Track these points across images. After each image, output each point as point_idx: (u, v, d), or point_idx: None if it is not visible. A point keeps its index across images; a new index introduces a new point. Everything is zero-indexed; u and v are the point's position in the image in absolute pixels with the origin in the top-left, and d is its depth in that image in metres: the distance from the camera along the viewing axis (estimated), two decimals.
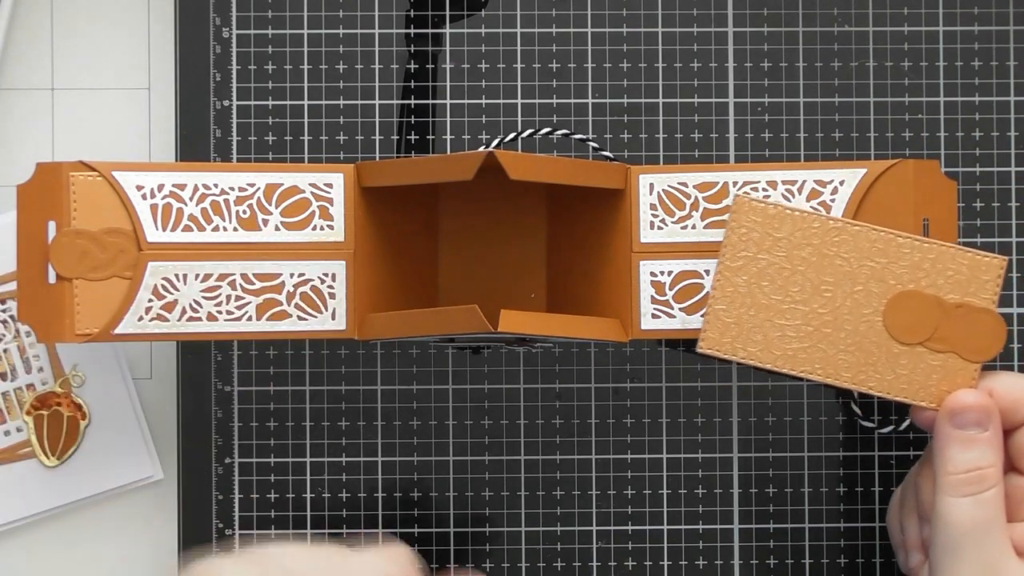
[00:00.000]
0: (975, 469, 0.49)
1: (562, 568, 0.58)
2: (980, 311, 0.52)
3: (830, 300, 0.52)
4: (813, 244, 0.52)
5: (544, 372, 0.59)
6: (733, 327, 0.52)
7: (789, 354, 0.52)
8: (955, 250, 0.51)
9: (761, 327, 0.52)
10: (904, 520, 0.54)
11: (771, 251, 0.52)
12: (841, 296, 0.52)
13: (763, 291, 0.52)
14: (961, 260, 0.51)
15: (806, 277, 0.52)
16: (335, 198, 0.53)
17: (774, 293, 0.52)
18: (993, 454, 0.50)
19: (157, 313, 0.51)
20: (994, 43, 0.59)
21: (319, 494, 0.58)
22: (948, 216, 0.52)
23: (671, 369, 0.59)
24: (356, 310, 0.53)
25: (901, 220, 0.52)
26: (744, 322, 0.52)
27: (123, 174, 0.51)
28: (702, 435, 0.58)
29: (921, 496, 0.53)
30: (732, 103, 0.59)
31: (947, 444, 0.50)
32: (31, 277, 0.51)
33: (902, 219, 0.52)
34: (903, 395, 0.52)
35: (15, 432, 0.58)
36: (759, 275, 0.52)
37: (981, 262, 0.51)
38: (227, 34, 0.58)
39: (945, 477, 0.50)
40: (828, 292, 0.52)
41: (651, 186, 0.53)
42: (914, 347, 0.52)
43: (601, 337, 0.52)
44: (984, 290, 0.52)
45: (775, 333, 0.52)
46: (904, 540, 0.54)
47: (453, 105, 0.58)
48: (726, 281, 0.52)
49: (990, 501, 0.49)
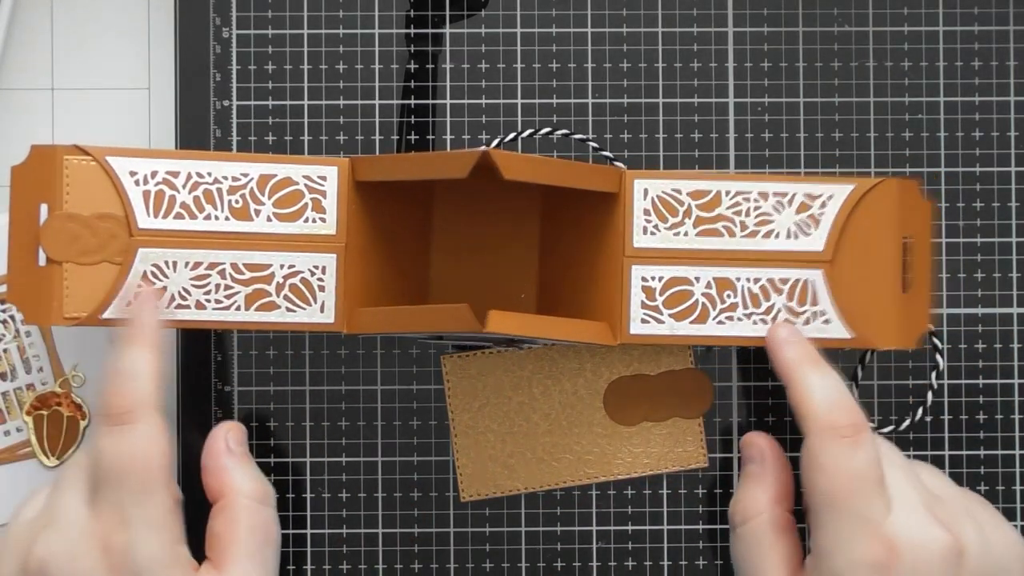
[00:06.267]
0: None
1: (562, 568, 0.58)
2: (682, 373, 0.57)
3: (547, 416, 0.57)
4: (511, 374, 0.57)
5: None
6: (480, 474, 0.57)
7: (537, 476, 0.57)
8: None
9: (505, 462, 0.57)
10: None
11: (483, 395, 0.57)
12: (557, 408, 0.57)
13: (494, 432, 0.57)
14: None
15: (521, 404, 0.57)
16: (328, 191, 0.53)
17: (501, 430, 0.57)
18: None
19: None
20: (994, 43, 0.59)
21: (319, 494, 0.58)
22: (924, 235, 0.53)
23: None
24: (345, 304, 0.53)
25: (885, 236, 0.53)
26: (488, 466, 0.57)
27: (117, 159, 0.52)
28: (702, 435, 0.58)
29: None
30: (732, 103, 0.59)
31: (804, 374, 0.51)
32: (21, 259, 0.51)
33: (886, 235, 0.53)
34: (649, 469, 0.57)
35: (15, 432, 0.58)
36: (485, 419, 0.57)
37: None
38: (227, 34, 0.58)
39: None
40: (544, 410, 0.57)
41: (645, 191, 0.53)
42: (640, 425, 0.57)
43: (589, 340, 0.52)
44: (680, 353, 0.57)
45: (519, 464, 0.57)
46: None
47: (453, 105, 0.59)
48: (463, 436, 0.57)
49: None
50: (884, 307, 0.53)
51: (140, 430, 0.49)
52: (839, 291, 0.53)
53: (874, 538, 0.48)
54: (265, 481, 0.54)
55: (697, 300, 0.53)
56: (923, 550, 0.48)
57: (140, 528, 0.48)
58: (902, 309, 0.53)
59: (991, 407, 0.58)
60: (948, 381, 0.58)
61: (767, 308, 0.53)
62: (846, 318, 0.53)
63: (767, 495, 0.53)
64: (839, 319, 0.53)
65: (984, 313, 0.58)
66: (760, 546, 0.52)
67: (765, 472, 0.54)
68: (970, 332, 0.58)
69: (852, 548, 0.48)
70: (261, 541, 0.52)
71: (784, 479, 0.54)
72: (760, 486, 0.54)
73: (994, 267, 0.58)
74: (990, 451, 0.58)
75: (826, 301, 0.53)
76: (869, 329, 0.53)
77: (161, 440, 0.49)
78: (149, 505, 0.48)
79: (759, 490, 0.54)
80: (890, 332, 0.53)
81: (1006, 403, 0.58)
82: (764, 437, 0.55)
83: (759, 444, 0.55)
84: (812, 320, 0.53)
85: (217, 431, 0.54)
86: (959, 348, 0.58)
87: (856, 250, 0.53)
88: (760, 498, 0.53)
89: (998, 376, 0.58)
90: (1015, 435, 0.58)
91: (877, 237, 0.53)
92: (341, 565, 0.58)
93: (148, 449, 0.49)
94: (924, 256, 0.53)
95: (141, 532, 0.48)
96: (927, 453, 0.58)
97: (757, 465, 0.54)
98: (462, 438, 0.57)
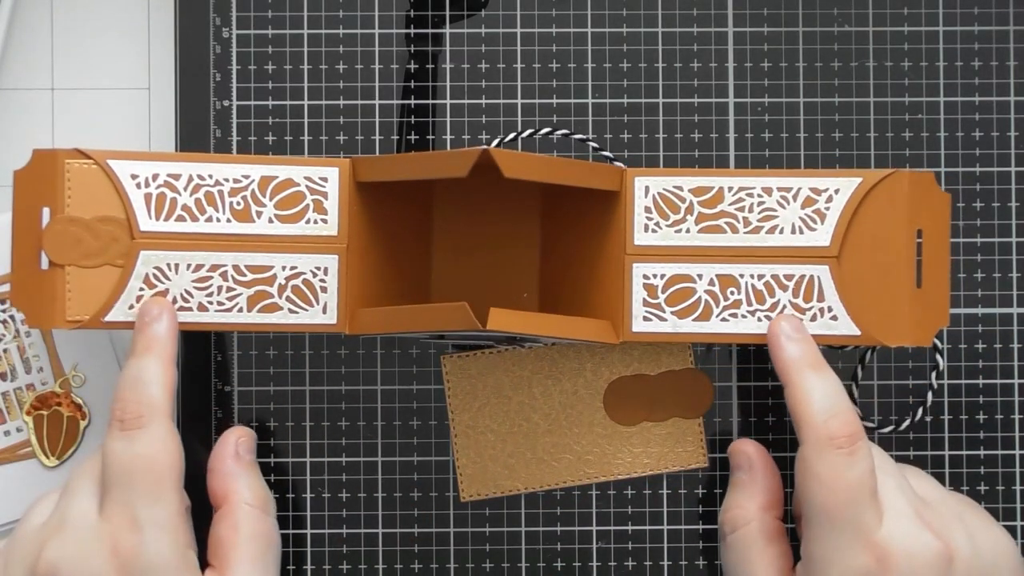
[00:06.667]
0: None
1: (562, 568, 0.58)
2: (682, 373, 0.57)
3: (547, 416, 0.57)
4: (511, 374, 0.57)
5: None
6: (480, 474, 0.57)
7: (537, 476, 0.57)
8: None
9: (505, 462, 0.57)
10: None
11: (483, 395, 0.57)
12: (557, 408, 0.57)
13: (494, 432, 0.57)
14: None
15: (521, 404, 0.57)
16: (330, 192, 0.53)
17: (501, 430, 0.57)
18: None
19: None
20: (994, 43, 0.59)
21: (319, 494, 0.58)
22: (941, 229, 0.52)
23: None
24: (347, 305, 0.53)
25: (896, 231, 0.52)
26: (488, 466, 0.57)
27: (118, 162, 0.52)
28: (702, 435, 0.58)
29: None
30: (732, 103, 0.59)
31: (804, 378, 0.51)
32: (24, 263, 0.51)
33: (897, 229, 0.52)
34: (649, 469, 0.57)
35: (15, 432, 0.58)
36: (485, 419, 0.57)
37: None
38: (227, 34, 0.58)
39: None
40: (544, 410, 0.57)
41: (646, 189, 0.53)
42: (640, 425, 0.57)
43: (591, 338, 0.52)
44: (680, 353, 0.57)
45: (519, 464, 0.57)
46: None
47: (453, 105, 0.59)
48: (463, 436, 0.57)
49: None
50: (896, 303, 0.52)
51: (152, 433, 0.49)
52: (847, 287, 0.52)
53: (867, 548, 0.48)
54: (268, 491, 0.54)
55: (700, 297, 0.53)
56: (914, 558, 0.48)
57: (150, 530, 0.48)
58: (916, 305, 0.52)
59: (991, 407, 0.58)
60: (948, 381, 0.58)
61: (772, 305, 0.52)
62: (854, 314, 0.52)
63: (756, 503, 0.53)
64: (847, 315, 0.52)
65: (984, 313, 0.58)
66: (751, 554, 0.52)
67: (754, 479, 0.54)
68: (970, 332, 0.58)
69: (845, 558, 0.48)
70: (263, 547, 0.52)
71: (773, 486, 0.54)
72: (749, 493, 0.54)
73: (994, 267, 0.58)
74: (990, 451, 0.58)
75: (833, 297, 0.52)
76: (879, 326, 0.52)
77: (172, 444, 0.50)
78: (159, 507, 0.48)
79: (748, 498, 0.54)
80: (903, 329, 0.52)
81: (1006, 403, 0.58)
82: (752, 444, 0.55)
83: (747, 451, 0.55)
84: (819, 316, 0.52)
85: (228, 435, 0.55)
86: (959, 348, 0.58)
87: (865, 245, 0.52)
88: (749, 506, 0.53)
89: (998, 376, 0.58)
90: (1015, 435, 0.58)
91: (887, 231, 0.52)
92: (341, 565, 0.58)
93: (159, 452, 0.49)
94: (941, 250, 0.52)
95: (151, 533, 0.48)
96: (927, 453, 0.58)
97: (745, 473, 0.55)
98: (462, 438, 0.57)
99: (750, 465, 0.54)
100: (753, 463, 0.54)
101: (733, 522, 0.54)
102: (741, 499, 0.54)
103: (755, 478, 0.54)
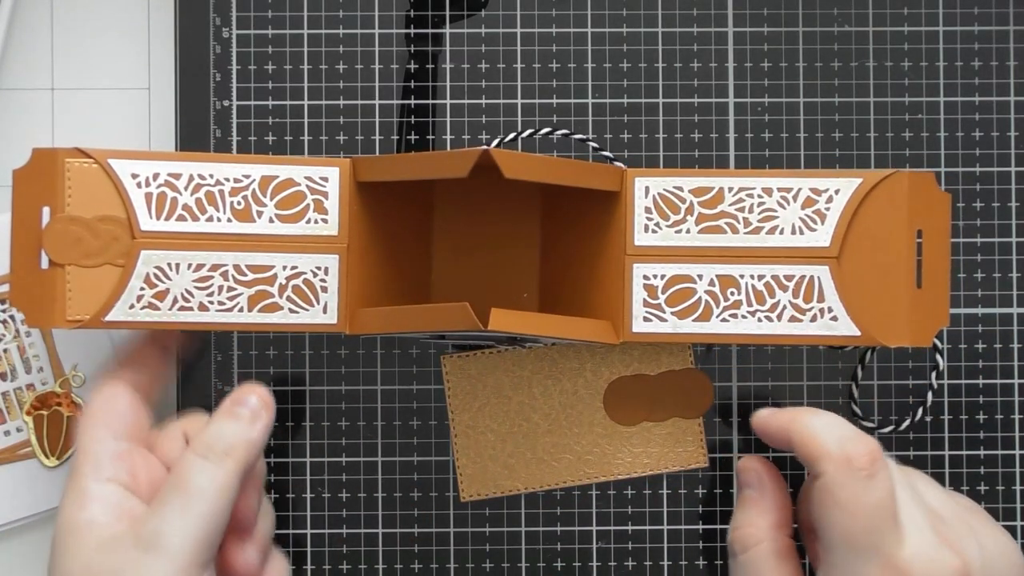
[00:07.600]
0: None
1: (562, 568, 0.58)
2: (682, 373, 0.57)
3: (547, 416, 0.57)
4: (511, 374, 0.57)
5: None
6: (480, 474, 0.57)
7: (537, 476, 0.57)
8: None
9: (505, 462, 0.57)
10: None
11: (482, 395, 0.57)
12: (557, 408, 0.57)
13: (494, 432, 0.57)
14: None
15: (521, 404, 0.57)
16: (330, 192, 0.53)
17: (501, 430, 0.57)
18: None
19: (148, 302, 0.51)
20: (994, 43, 0.59)
21: (319, 494, 0.58)
22: (941, 229, 0.52)
23: None
24: (348, 305, 0.53)
25: (896, 231, 0.52)
26: (488, 466, 0.57)
27: (118, 162, 0.52)
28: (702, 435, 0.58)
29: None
30: (732, 103, 0.59)
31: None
32: (24, 262, 0.51)
33: (897, 230, 0.52)
34: (649, 469, 0.57)
35: (15, 432, 0.58)
36: (485, 419, 0.57)
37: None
38: (227, 34, 0.58)
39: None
40: (544, 410, 0.57)
41: (647, 189, 0.53)
42: (640, 425, 0.57)
43: (591, 339, 0.52)
44: (680, 353, 0.57)
45: (519, 464, 0.57)
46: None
47: (453, 105, 0.59)
48: (463, 436, 0.57)
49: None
50: (896, 304, 0.52)
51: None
52: (847, 287, 0.52)
53: (889, 569, 0.48)
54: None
55: (700, 298, 0.53)
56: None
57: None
58: (916, 305, 0.52)
59: (991, 407, 0.58)
60: (948, 381, 0.58)
61: (772, 305, 0.52)
62: (854, 315, 0.52)
63: (767, 521, 0.53)
64: (847, 316, 0.52)
65: (984, 313, 0.58)
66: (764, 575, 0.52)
67: (764, 497, 0.54)
68: (970, 332, 0.58)
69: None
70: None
71: (783, 504, 0.54)
72: (759, 511, 0.53)
73: (994, 267, 0.58)
74: (990, 451, 0.58)
75: (833, 297, 0.52)
76: (879, 326, 0.52)
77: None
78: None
79: (758, 515, 0.53)
80: (903, 329, 0.52)
81: (1006, 403, 0.58)
82: (761, 461, 0.55)
83: (756, 468, 0.54)
84: (819, 317, 0.52)
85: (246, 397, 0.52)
86: (959, 348, 0.58)
87: (865, 245, 0.52)
88: (760, 525, 0.53)
89: (998, 376, 0.58)
90: (1015, 435, 0.58)
91: (887, 232, 0.52)
92: (341, 565, 0.58)
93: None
94: (941, 251, 0.52)
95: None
96: (927, 453, 0.58)
97: (755, 490, 0.54)
98: (462, 438, 0.57)
99: (760, 482, 0.54)
100: (763, 480, 0.54)
101: (744, 541, 0.53)
102: (751, 517, 0.53)
103: (765, 495, 0.54)
